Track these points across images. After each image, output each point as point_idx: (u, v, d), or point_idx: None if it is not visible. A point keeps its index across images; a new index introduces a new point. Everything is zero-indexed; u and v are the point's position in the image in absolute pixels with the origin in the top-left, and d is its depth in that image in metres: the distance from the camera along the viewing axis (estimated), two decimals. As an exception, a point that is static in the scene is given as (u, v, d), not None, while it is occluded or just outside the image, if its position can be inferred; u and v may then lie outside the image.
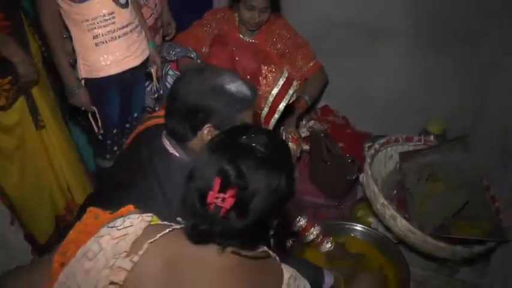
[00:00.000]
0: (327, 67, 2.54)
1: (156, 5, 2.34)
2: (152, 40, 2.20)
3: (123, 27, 1.96)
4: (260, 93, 1.80)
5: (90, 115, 2.11)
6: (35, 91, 2.01)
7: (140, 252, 0.94)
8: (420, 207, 1.96)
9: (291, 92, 1.82)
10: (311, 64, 2.45)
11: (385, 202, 1.86)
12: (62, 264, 0.97)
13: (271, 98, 1.81)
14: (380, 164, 2.23)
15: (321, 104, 2.90)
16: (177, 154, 1.40)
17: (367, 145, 2.56)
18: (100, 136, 2.16)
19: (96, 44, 1.93)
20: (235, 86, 1.36)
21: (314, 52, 2.48)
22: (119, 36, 1.96)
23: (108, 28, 1.92)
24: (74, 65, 2.00)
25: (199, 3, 2.68)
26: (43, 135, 2.10)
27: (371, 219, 2.17)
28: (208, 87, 1.34)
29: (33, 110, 2.01)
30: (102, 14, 1.89)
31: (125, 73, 2.03)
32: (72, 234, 1.03)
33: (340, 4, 2.56)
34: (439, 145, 2.19)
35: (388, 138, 2.23)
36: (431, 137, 2.40)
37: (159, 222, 1.04)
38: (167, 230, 0.99)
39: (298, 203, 2.35)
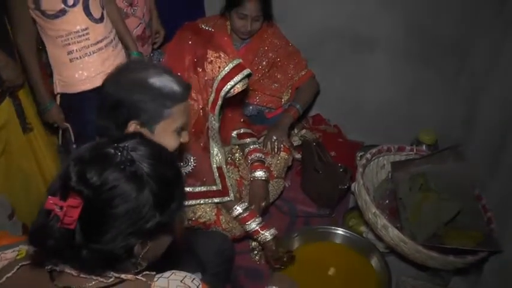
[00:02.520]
0: (319, 76, 2.54)
1: (144, 15, 2.33)
2: (136, 49, 2.19)
3: (97, 42, 1.96)
4: (206, 78, 1.76)
5: (61, 131, 2.12)
6: (22, 95, 1.99)
7: None
8: (412, 216, 1.95)
9: (236, 79, 1.75)
10: (302, 73, 2.45)
11: (377, 211, 1.85)
12: None
13: (216, 83, 1.76)
14: (372, 174, 2.22)
15: (312, 113, 2.90)
16: None
17: (359, 154, 2.56)
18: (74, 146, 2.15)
19: (71, 60, 1.92)
20: (160, 80, 1.32)
21: (305, 61, 2.48)
22: (93, 52, 1.95)
23: (82, 44, 1.92)
24: (51, 73, 1.99)
25: (192, 12, 2.68)
26: (31, 139, 2.08)
27: (363, 229, 2.17)
28: (132, 80, 1.31)
29: (21, 114, 1.99)
30: (75, 30, 1.88)
31: (100, 87, 2.02)
32: None
33: (333, 14, 2.57)
34: (431, 155, 2.18)
35: (380, 148, 2.22)
36: (424, 147, 2.40)
37: (28, 252, 0.94)
38: (15, 269, 0.89)
39: (290, 212, 2.34)
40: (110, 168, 0.83)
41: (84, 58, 1.94)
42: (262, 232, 1.90)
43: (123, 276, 0.88)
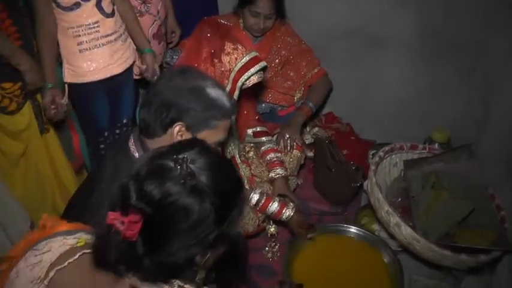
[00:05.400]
0: (332, 74, 2.54)
1: (158, 12, 2.34)
2: (149, 46, 2.21)
3: (107, 35, 2.00)
4: (222, 69, 1.78)
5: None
6: (39, 96, 2.03)
7: (46, 282, 0.88)
8: (425, 215, 1.95)
9: (253, 70, 1.77)
10: (315, 71, 2.45)
11: (390, 210, 1.85)
12: (6, 270, 0.95)
13: (233, 74, 1.78)
14: (384, 172, 2.22)
15: (325, 111, 2.90)
16: (135, 154, 1.38)
17: (371, 152, 2.56)
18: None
19: (80, 51, 1.97)
20: (215, 93, 1.35)
21: (318, 59, 2.48)
22: (103, 44, 2.00)
23: (92, 36, 1.96)
24: (61, 63, 2.03)
25: (205, 10, 2.69)
26: (47, 140, 2.11)
27: (375, 227, 2.17)
28: (188, 85, 1.34)
29: (39, 115, 2.02)
30: (87, 23, 1.93)
31: (110, 80, 2.06)
32: (22, 241, 0.98)
33: (346, 12, 2.57)
34: (444, 153, 2.18)
35: (393, 146, 2.22)
36: (436, 145, 2.40)
37: (88, 241, 0.96)
38: (77, 255, 0.91)
39: (302, 209, 2.34)
40: (169, 183, 0.83)
41: (94, 50, 1.98)
42: (284, 210, 1.93)
43: (186, 286, 0.91)
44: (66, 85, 2.03)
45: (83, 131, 2.29)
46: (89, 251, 0.90)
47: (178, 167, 0.85)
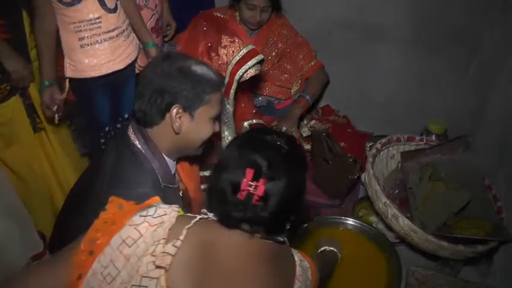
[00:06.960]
0: (328, 67, 2.54)
1: (156, 6, 2.34)
2: (152, 40, 2.20)
3: (108, 31, 1.99)
4: (219, 63, 1.81)
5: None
6: (34, 93, 2.01)
7: (181, 237, 1.00)
8: (422, 206, 1.96)
9: (250, 63, 1.80)
10: (312, 63, 2.45)
11: (387, 201, 1.85)
12: (91, 252, 0.98)
13: (230, 67, 1.81)
14: (382, 164, 2.23)
15: (322, 104, 2.90)
16: (136, 142, 1.40)
17: (368, 144, 2.56)
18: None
19: (82, 46, 1.95)
20: (201, 69, 1.39)
21: (315, 51, 2.48)
22: (104, 40, 1.98)
23: (94, 31, 1.95)
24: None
25: (201, 3, 2.68)
26: (42, 138, 2.10)
27: (373, 218, 2.17)
28: (175, 68, 1.37)
29: (31, 113, 2.01)
30: (88, 19, 1.92)
31: (111, 75, 2.05)
32: (97, 223, 1.03)
33: (342, 5, 2.57)
34: (441, 145, 2.18)
35: (390, 138, 2.23)
36: (433, 137, 2.40)
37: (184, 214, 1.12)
38: (197, 218, 1.07)
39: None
40: (277, 152, 1.06)
41: (95, 45, 1.97)
42: None
43: (285, 239, 1.15)
44: (67, 80, 2.02)
45: (85, 126, 2.29)
46: (206, 216, 1.09)
47: (278, 142, 1.08)
